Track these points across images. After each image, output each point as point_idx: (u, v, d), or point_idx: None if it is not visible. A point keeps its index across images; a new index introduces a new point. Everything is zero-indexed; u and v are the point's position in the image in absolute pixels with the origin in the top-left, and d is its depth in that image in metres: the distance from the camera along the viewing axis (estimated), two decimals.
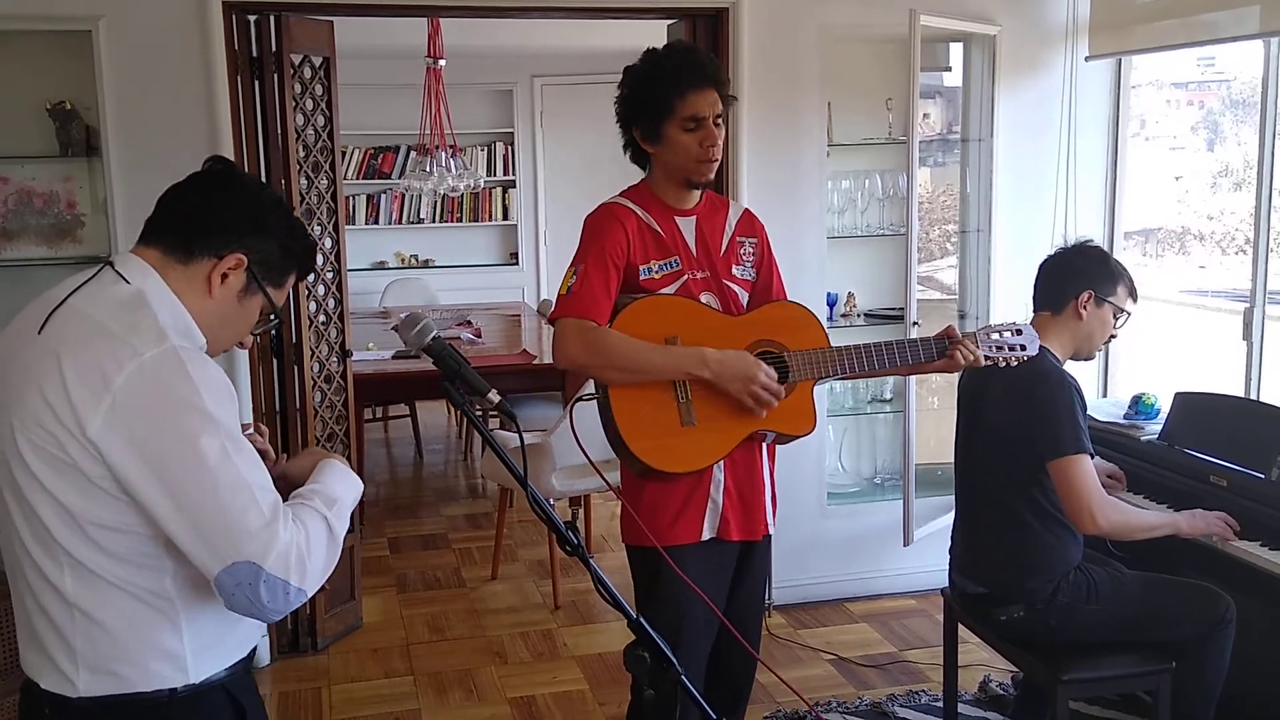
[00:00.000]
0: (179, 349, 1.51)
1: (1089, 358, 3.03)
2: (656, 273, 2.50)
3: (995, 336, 2.68)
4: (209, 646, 1.61)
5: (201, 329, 1.62)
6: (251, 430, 1.80)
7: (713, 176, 2.53)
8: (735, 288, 2.59)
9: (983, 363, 2.64)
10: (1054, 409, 2.75)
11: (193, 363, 1.51)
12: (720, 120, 2.47)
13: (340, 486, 1.67)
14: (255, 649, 1.77)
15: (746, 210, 2.71)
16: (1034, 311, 2.99)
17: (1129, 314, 2.97)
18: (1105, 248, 3.72)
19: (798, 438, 2.60)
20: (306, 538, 1.53)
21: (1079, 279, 2.90)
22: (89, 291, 1.57)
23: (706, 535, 2.53)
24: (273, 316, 1.73)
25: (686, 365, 2.42)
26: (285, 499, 1.64)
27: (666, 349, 2.42)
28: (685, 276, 2.52)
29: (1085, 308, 2.89)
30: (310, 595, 1.53)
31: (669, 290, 2.50)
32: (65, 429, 1.47)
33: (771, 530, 2.67)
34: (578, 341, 2.40)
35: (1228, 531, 2.86)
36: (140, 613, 1.55)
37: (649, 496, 2.52)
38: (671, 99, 2.42)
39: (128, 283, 1.58)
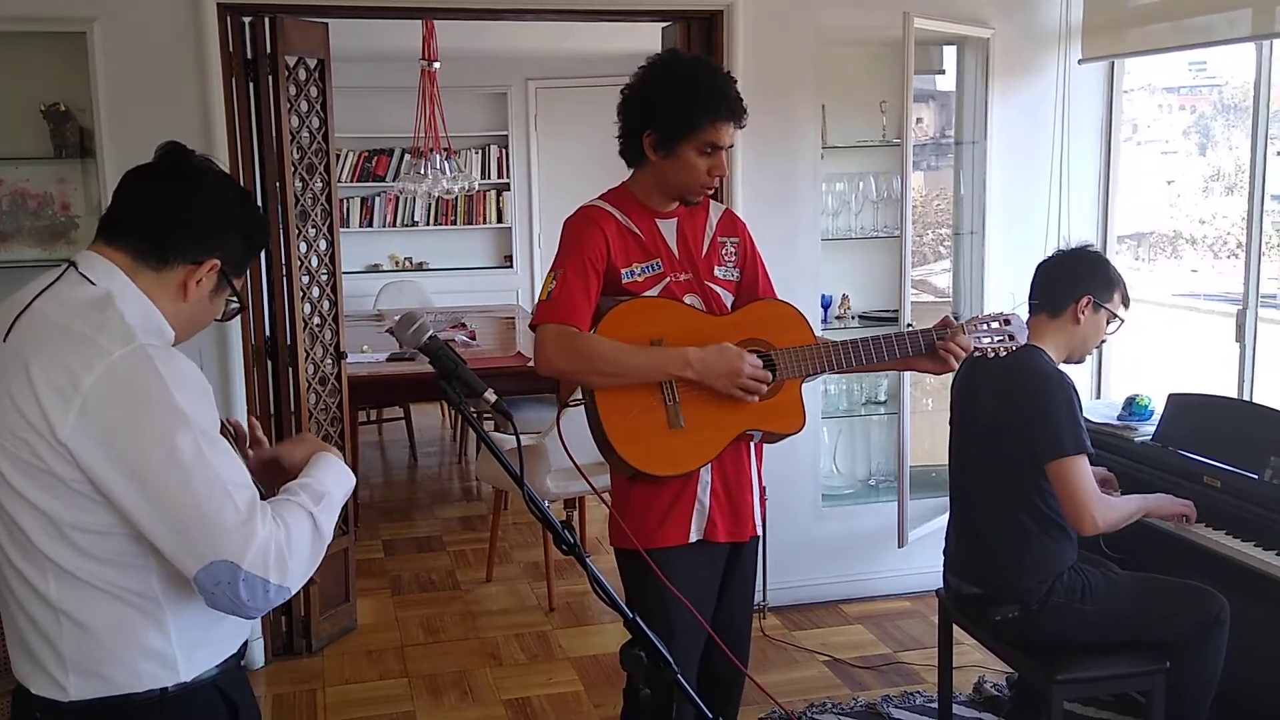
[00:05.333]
0: (147, 347, 1.50)
1: (1080, 361, 3.04)
2: (639, 275, 2.48)
3: (983, 327, 2.68)
4: (198, 644, 1.60)
5: (173, 328, 1.63)
6: (237, 420, 1.81)
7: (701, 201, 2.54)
8: (718, 289, 2.57)
9: (971, 348, 2.63)
10: (1052, 409, 2.76)
11: (161, 360, 1.50)
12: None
13: (331, 481, 1.66)
14: (246, 646, 1.76)
15: (727, 210, 2.69)
16: (1030, 313, 3.00)
17: (1122, 321, 2.99)
18: (1096, 247, 3.73)
19: (786, 436, 2.59)
20: (287, 534, 1.51)
21: (1078, 283, 2.91)
22: (55, 294, 1.56)
23: (694, 537, 2.51)
24: (236, 303, 1.73)
25: (669, 366, 2.40)
26: (280, 484, 1.63)
27: (648, 350, 2.40)
28: (668, 279, 2.50)
29: (1084, 312, 2.90)
30: (293, 592, 1.53)
31: (652, 293, 2.48)
32: (37, 434, 1.46)
33: (759, 532, 2.65)
34: (558, 348, 2.37)
35: (1190, 512, 2.98)
36: (124, 614, 1.54)
37: (636, 499, 2.51)
38: (700, 121, 2.38)
39: (94, 284, 1.56)
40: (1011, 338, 2.68)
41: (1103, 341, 3.02)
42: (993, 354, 2.66)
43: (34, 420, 1.46)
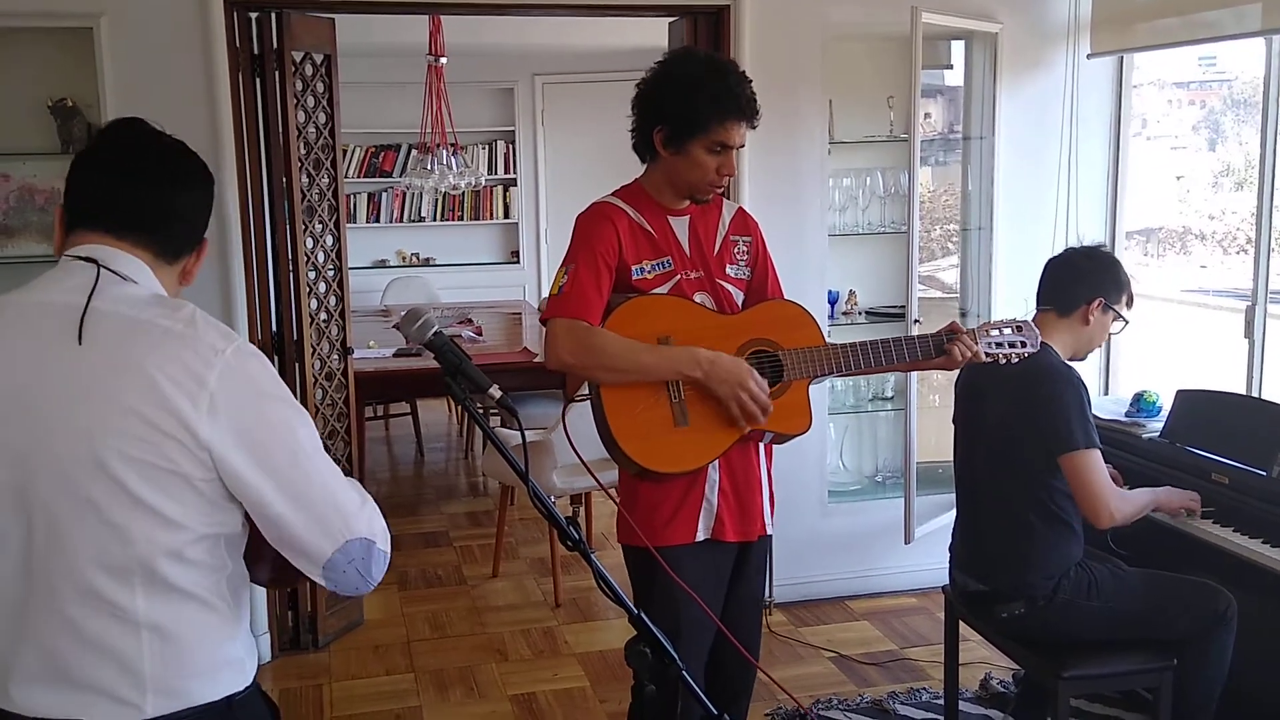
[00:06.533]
0: (244, 344, 1.53)
1: (1082, 360, 3.03)
2: (649, 272, 2.47)
3: (995, 334, 2.67)
4: (251, 647, 1.64)
5: None
6: None
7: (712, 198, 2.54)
8: (729, 287, 2.56)
9: (983, 358, 2.62)
10: (1063, 405, 2.75)
11: (259, 356, 1.54)
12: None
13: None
14: None
15: (740, 209, 2.69)
16: (1038, 309, 2.99)
17: (1127, 322, 2.98)
18: (1108, 247, 3.73)
19: (794, 437, 2.58)
20: (378, 510, 1.60)
21: (1091, 284, 2.91)
22: (111, 294, 1.51)
23: (701, 536, 2.51)
24: None
25: (678, 365, 2.39)
26: None
27: (658, 349, 2.40)
28: (678, 276, 2.49)
29: (1094, 313, 2.90)
30: None
31: (662, 290, 2.48)
32: (167, 435, 1.44)
33: (769, 531, 2.64)
34: (568, 342, 2.37)
35: (1195, 506, 2.98)
36: (209, 621, 1.54)
37: (643, 497, 2.50)
38: (710, 120, 2.39)
39: (135, 282, 1.55)
40: (1024, 344, 2.67)
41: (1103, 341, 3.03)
42: (1004, 361, 2.65)
43: (163, 423, 1.44)
